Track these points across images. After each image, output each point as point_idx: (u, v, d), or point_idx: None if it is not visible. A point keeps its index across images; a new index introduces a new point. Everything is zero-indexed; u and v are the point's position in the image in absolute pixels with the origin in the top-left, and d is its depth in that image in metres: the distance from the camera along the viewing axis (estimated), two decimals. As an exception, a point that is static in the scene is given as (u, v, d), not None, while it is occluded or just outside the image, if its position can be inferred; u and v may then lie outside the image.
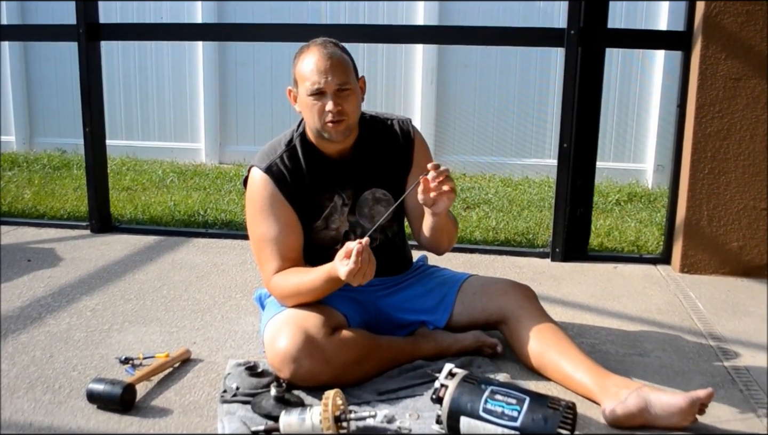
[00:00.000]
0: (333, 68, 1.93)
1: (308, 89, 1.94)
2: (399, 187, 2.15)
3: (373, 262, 1.78)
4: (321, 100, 1.94)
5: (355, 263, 1.75)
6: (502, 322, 2.09)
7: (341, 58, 1.97)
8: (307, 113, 1.99)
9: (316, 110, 1.95)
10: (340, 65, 1.95)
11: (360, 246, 1.75)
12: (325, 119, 1.95)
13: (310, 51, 1.97)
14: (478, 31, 3.73)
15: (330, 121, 1.95)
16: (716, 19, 2.87)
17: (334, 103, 1.93)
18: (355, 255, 1.75)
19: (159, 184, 5.06)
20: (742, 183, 2.97)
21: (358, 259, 1.75)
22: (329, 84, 1.93)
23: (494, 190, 4.94)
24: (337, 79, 1.93)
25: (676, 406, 1.69)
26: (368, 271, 1.78)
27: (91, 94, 3.52)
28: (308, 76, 1.94)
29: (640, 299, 2.75)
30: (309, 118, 2.00)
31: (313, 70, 1.94)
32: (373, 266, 1.79)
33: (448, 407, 1.66)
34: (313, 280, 1.92)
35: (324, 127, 1.97)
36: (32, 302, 2.61)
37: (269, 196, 2.02)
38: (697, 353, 2.24)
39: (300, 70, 1.98)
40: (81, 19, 3.43)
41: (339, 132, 1.97)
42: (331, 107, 1.93)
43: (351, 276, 1.76)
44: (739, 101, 2.92)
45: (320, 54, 1.95)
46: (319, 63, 1.94)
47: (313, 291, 1.93)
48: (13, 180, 5.08)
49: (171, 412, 1.83)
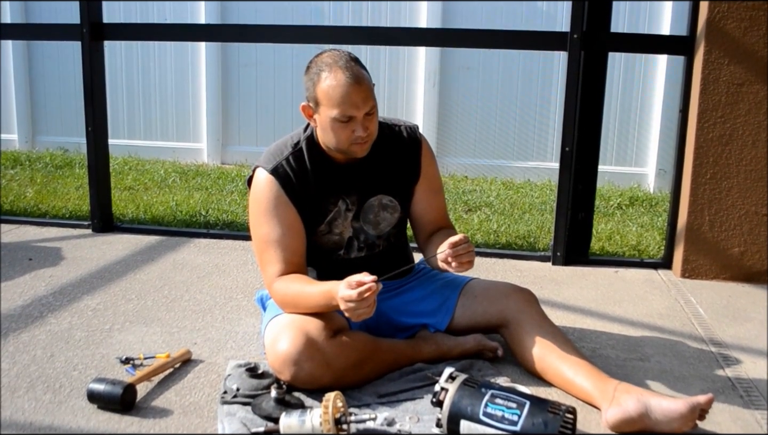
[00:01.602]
0: (364, 96, 1.89)
1: (337, 117, 1.90)
2: (405, 194, 2.16)
3: (373, 306, 1.75)
4: (349, 125, 1.91)
5: (358, 295, 1.72)
6: (503, 325, 2.09)
7: (367, 80, 1.92)
8: (329, 134, 1.95)
9: (342, 133, 1.92)
10: (369, 90, 1.92)
11: (372, 284, 1.73)
12: (352, 142, 1.94)
13: (335, 73, 1.89)
14: (481, 34, 3.73)
15: (356, 143, 1.94)
16: (719, 24, 2.88)
17: (364, 128, 1.92)
18: (365, 289, 1.72)
19: (161, 183, 5.07)
20: (743, 188, 2.97)
21: (362, 295, 1.72)
22: (360, 112, 1.90)
23: (496, 193, 4.94)
24: (367, 106, 1.91)
25: (676, 412, 1.69)
26: (365, 311, 1.75)
27: (94, 93, 3.52)
28: (337, 104, 1.88)
29: (641, 304, 2.75)
30: (331, 139, 1.96)
31: (344, 98, 1.88)
32: (371, 311, 1.76)
33: (449, 410, 1.66)
34: (311, 295, 1.91)
35: (350, 149, 1.95)
36: (33, 301, 2.62)
37: (274, 198, 2.01)
38: (697, 359, 2.24)
39: (325, 92, 1.90)
40: (84, 18, 3.44)
41: (364, 150, 1.97)
42: (362, 133, 1.91)
43: (347, 303, 1.74)
44: (741, 106, 2.92)
45: (347, 79, 1.88)
46: (349, 90, 1.87)
47: (310, 307, 1.92)
48: (15, 178, 5.09)
49: (171, 412, 1.83)
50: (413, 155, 2.15)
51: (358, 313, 1.75)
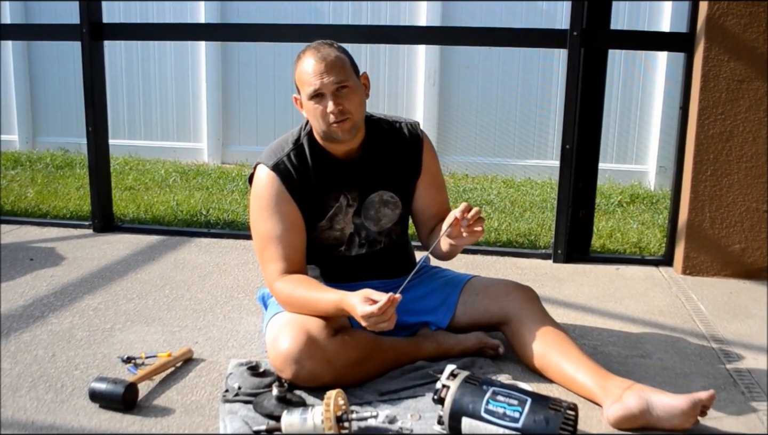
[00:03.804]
0: (328, 68, 1.93)
1: (308, 93, 1.95)
2: (407, 190, 2.16)
3: (393, 318, 1.77)
4: (321, 102, 1.94)
5: (379, 310, 1.73)
6: (504, 323, 2.09)
7: (336, 57, 1.96)
8: (312, 118, 1.99)
9: (318, 113, 1.95)
10: (336, 65, 1.95)
11: (392, 299, 1.74)
12: (329, 120, 1.95)
13: (306, 56, 1.97)
14: (481, 32, 3.73)
15: (334, 122, 1.95)
16: (719, 21, 2.87)
17: (335, 103, 1.93)
18: (384, 304, 1.73)
19: (161, 183, 5.07)
20: (744, 185, 2.97)
21: (382, 310, 1.73)
22: (326, 85, 1.93)
23: (496, 191, 4.94)
24: (333, 78, 1.93)
25: (677, 408, 1.69)
26: (386, 325, 1.77)
27: (94, 93, 3.52)
28: (306, 81, 1.95)
29: (642, 301, 2.75)
30: (315, 123, 2.00)
31: (309, 74, 1.94)
32: (392, 323, 1.77)
33: (450, 408, 1.66)
34: (319, 302, 1.90)
35: (330, 129, 1.96)
36: (35, 301, 2.62)
37: (276, 194, 2.02)
38: (698, 355, 2.24)
39: (298, 76, 1.99)
40: (84, 18, 3.44)
41: (345, 131, 1.97)
42: (332, 108, 1.93)
43: (368, 320, 1.76)
44: (741, 103, 2.92)
45: (314, 57, 1.95)
46: (314, 66, 1.94)
47: (316, 311, 1.92)
48: (16, 179, 5.09)
49: (173, 411, 1.83)
50: (414, 151, 2.15)
51: (379, 327, 1.77)
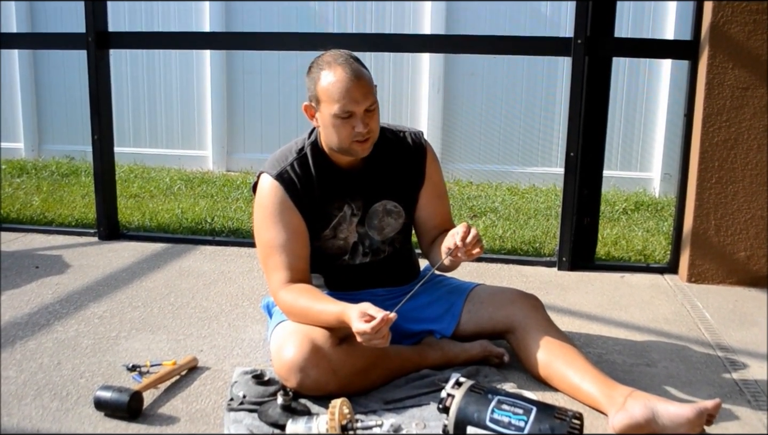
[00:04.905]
0: (363, 90, 1.91)
1: (336, 111, 1.91)
2: (410, 200, 2.16)
3: (387, 337, 1.78)
4: (349, 121, 1.92)
5: (371, 329, 1.74)
6: (509, 331, 2.09)
7: (368, 77, 1.94)
8: (330, 132, 1.96)
9: (343, 131, 1.93)
10: (368, 86, 1.93)
11: (386, 319, 1.74)
12: (353, 139, 1.94)
13: (334, 70, 1.91)
14: (485, 40, 3.74)
15: (357, 141, 1.95)
16: (723, 29, 2.88)
17: (364, 124, 1.92)
18: (377, 324, 1.74)
19: (166, 191, 5.08)
20: (749, 193, 2.96)
21: (375, 329, 1.74)
22: (360, 107, 1.91)
23: (501, 198, 4.94)
24: (367, 102, 1.92)
25: (683, 417, 1.69)
26: (380, 342, 1.77)
27: (100, 101, 3.54)
28: (337, 99, 1.90)
29: (647, 309, 2.74)
30: (332, 137, 1.97)
31: (343, 93, 1.89)
32: (386, 341, 1.78)
33: (455, 417, 1.66)
34: (321, 313, 1.91)
35: (351, 147, 1.96)
36: (40, 309, 2.63)
37: (279, 203, 2.02)
38: (704, 364, 2.23)
39: (325, 89, 1.92)
40: (90, 27, 3.45)
41: (365, 149, 1.98)
42: (362, 129, 1.92)
43: (361, 336, 1.77)
44: (746, 111, 2.91)
45: (346, 75, 1.90)
46: (348, 85, 1.89)
47: (319, 322, 1.92)
48: (22, 187, 5.11)
49: (178, 419, 1.83)
50: (418, 161, 2.16)
51: (373, 344, 1.78)
